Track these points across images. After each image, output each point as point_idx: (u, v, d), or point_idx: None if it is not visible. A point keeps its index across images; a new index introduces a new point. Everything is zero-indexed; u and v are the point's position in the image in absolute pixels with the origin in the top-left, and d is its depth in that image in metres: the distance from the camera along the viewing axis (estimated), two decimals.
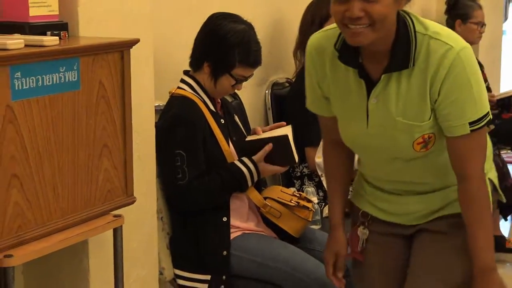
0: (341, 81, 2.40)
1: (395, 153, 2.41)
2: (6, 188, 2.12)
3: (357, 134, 2.45)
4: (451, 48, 2.22)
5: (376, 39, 2.21)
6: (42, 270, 2.64)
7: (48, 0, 2.44)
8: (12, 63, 2.10)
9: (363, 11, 2.14)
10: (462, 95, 2.25)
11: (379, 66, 2.30)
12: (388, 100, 2.32)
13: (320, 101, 2.55)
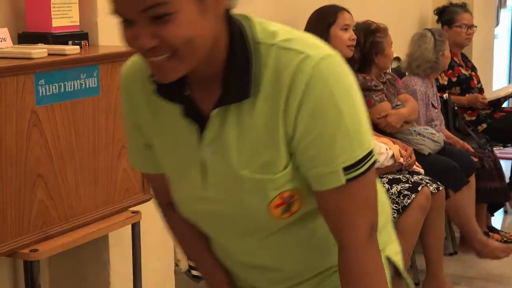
0: (166, 123, 1.54)
1: (248, 224, 1.54)
2: (32, 187, 2.13)
3: (192, 199, 1.57)
4: (307, 58, 1.42)
5: (192, 68, 1.39)
6: (66, 263, 2.64)
7: (69, 11, 2.45)
8: (36, 71, 2.11)
9: (156, 38, 1.32)
10: (328, 127, 1.41)
11: (212, 98, 1.45)
12: (226, 147, 1.46)
13: (143, 153, 1.63)
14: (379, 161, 3.74)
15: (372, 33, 4.25)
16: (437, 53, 4.77)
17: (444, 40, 4.84)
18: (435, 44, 4.78)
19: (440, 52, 4.78)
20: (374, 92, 4.27)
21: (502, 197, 4.82)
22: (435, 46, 4.77)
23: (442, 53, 4.79)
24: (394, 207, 3.74)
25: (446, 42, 4.85)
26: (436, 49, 4.77)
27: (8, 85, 2.04)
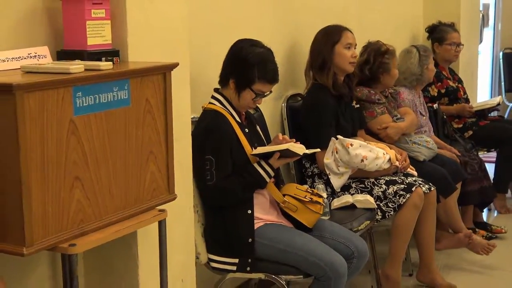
0: None
1: None
2: (70, 188, 2.13)
3: None
4: None
5: None
6: (99, 256, 2.64)
7: (103, 31, 2.45)
8: (74, 84, 2.10)
9: None
10: None
11: None
12: None
13: None
14: (377, 165, 3.73)
15: (382, 55, 4.29)
16: (421, 67, 4.80)
17: (428, 55, 4.85)
18: (419, 59, 4.80)
19: (424, 66, 4.81)
20: (377, 105, 4.30)
21: (489, 195, 4.83)
22: (420, 61, 4.80)
23: (426, 67, 4.82)
24: (390, 205, 3.74)
25: (430, 56, 4.87)
26: (421, 63, 4.80)
27: (50, 97, 2.04)
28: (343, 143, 3.68)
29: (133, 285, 2.67)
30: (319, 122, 3.78)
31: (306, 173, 3.93)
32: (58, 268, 2.60)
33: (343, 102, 3.94)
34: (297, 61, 4.16)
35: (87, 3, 2.39)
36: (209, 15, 3.46)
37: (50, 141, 2.05)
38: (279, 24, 4.06)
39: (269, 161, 3.05)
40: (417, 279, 4.12)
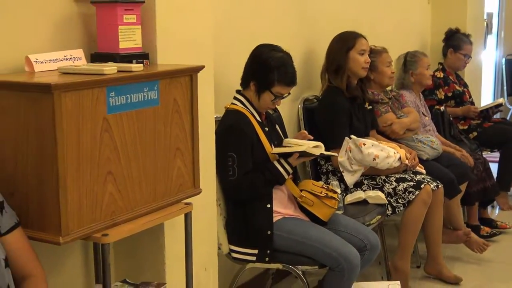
0: None
1: None
2: (103, 182, 2.13)
3: None
4: None
5: None
6: (128, 246, 2.64)
7: (133, 35, 2.44)
8: (108, 85, 2.10)
9: None
10: None
11: None
12: None
13: None
14: (388, 163, 3.72)
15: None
16: (405, 73, 4.75)
17: (416, 60, 4.80)
18: (404, 65, 4.77)
19: (410, 71, 4.76)
20: (381, 105, 4.28)
21: (492, 193, 4.80)
22: (404, 67, 4.76)
23: (412, 72, 4.76)
24: (400, 201, 3.73)
25: (419, 62, 4.78)
26: (406, 69, 4.76)
27: (85, 97, 2.04)
28: (356, 143, 3.66)
29: (159, 273, 2.66)
30: (334, 122, 3.77)
31: (321, 170, 3.92)
32: (90, 256, 2.61)
33: (356, 103, 3.93)
34: (313, 65, 4.15)
35: (119, 9, 2.39)
36: (232, 22, 3.46)
37: (85, 137, 2.05)
38: (296, 31, 4.05)
39: (288, 160, 3.04)
40: (424, 271, 4.10)
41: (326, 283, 3.06)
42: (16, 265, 1.96)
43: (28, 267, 2.00)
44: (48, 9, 2.37)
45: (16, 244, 1.98)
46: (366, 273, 3.73)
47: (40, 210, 2.03)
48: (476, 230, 4.60)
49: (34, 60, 2.22)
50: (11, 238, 1.97)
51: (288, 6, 3.98)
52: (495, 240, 4.67)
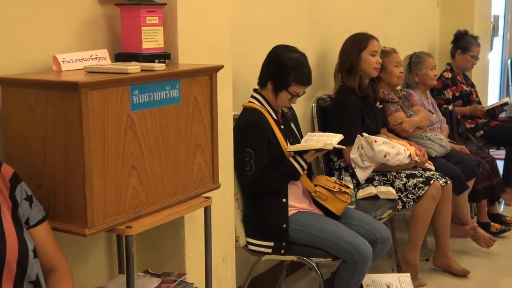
0: None
1: None
2: (127, 176, 2.13)
3: None
4: None
5: None
6: (150, 238, 2.64)
7: (156, 36, 2.45)
8: (132, 83, 2.10)
9: None
10: None
11: None
12: None
13: None
14: (399, 160, 3.71)
15: None
16: (409, 73, 4.72)
17: (420, 61, 4.76)
18: (409, 65, 4.73)
19: (414, 72, 4.73)
20: (391, 104, 4.26)
21: (498, 190, 4.77)
22: (409, 67, 4.72)
23: (416, 73, 4.73)
24: (410, 197, 3.71)
25: (423, 63, 4.75)
26: (410, 69, 4.73)
27: (110, 94, 2.04)
28: (368, 140, 3.65)
29: (180, 264, 2.67)
30: (346, 121, 3.76)
31: (333, 166, 3.91)
32: (113, 247, 2.61)
33: (368, 102, 3.91)
34: (326, 65, 4.14)
35: (142, 10, 2.39)
36: (249, 24, 3.46)
37: (110, 134, 2.05)
38: (310, 33, 4.04)
39: (304, 156, 3.04)
40: (433, 263, 4.08)
41: (339, 274, 3.05)
42: (42, 258, 1.96)
43: (54, 260, 2.00)
44: (74, 11, 2.38)
45: (43, 237, 1.98)
46: (377, 266, 3.71)
47: (67, 203, 2.03)
48: (486, 227, 4.57)
49: (61, 59, 2.23)
50: (39, 231, 1.97)
51: (302, 9, 3.97)
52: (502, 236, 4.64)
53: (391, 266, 3.93)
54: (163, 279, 2.39)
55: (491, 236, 4.30)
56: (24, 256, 1.85)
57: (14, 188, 1.91)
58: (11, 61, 2.17)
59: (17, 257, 1.83)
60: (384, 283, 3.30)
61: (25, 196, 1.94)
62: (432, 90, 5.14)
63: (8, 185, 1.90)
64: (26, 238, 1.89)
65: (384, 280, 3.32)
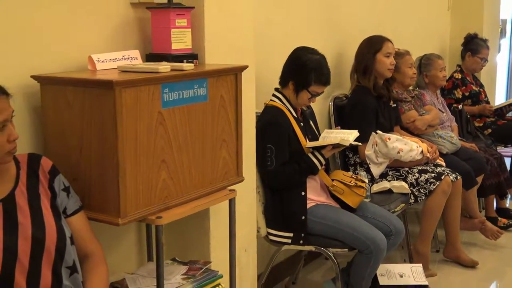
0: None
1: None
2: (157, 170, 2.14)
3: None
4: None
5: None
6: (177, 228, 2.66)
7: (184, 37, 2.46)
8: (162, 82, 2.11)
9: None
10: None
11: None
12: None
13: None
14: (411, 156, 3.69)
15: None
16: (419, 74, 4.68)
17: (429, 63, 4.72)
18: (419, 67, 4.69)
19: (424, 73, 4.69)
20: (404, 103, 4.24)
21: (506, 186, 4.73)
22: (419, 69, 4.68)
23: (425, 74, 4.69)
24: (422, 191, 3.69)
25: (433, 64, 4.70)
26: (420, 71, 4.69)
27: (142, 92, 2.05)
28: (382, 137, 3.64)
29: (205, 253, 2.68)
30: (361, 119, 3.74)
31: (349, 162, 3.89)
32: (143, 236, 2.63)
33: (382, 102, 3.89)
34: (342, 66, 4.13)
35: (172, 13, 2.40)
36: (270, 27, 3.45)
37: (142, 129, 2.06)
38: (327, 35, 4.03)
39: (322, 151, 3.03)
40: (443, 255, 4.06)
41: (355, 264, 3.04)
42: (78, 245, 1.99)
43: (89, 247, 2.03)
44: (108, 14, 2.39)
45: (79, 225, 2.01)
46: (390, 256, 3.71)
47: (101, 194, 2.04)
48: (493, 221, 4.53)
49: (96, 59, 2.24)
50: (75, 220, 2.00)
51: (320, 13, 3.96)
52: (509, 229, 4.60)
53: (403, 256, 3.91)
54: (190, 266, 2.40)
55: (498, 229, 4.27)
56: (62, 242, 1.88)
57: (53, 180, 1.95)
58: (49, 61, 2.19)
59: (55, 243, 1.86)
60: (397, 273, 3.28)
61: (63, 187, 1.96)
62: (443, 90, 5.11)
63: (48, 177, 1.94)
64: (63, 226, 1.91)
65: (397, 270, 3.30)
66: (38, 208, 1.88)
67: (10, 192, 1.86)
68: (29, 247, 1.81)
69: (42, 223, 1.86)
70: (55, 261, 1.87)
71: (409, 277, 3.29)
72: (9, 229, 1.80)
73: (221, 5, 2.61)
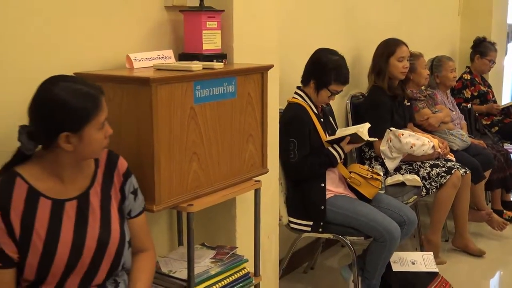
0: None
1: None
2: (189, 161, 2.14)
3: None
4: None
5: None
6: (206, 215, 2.66)
7: (214, 38, 2.45)
8: (195, 80, 2.12)
9: None
10: None
11: None
12: None
13: None
14: (423, 151, 3.66)
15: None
16: (431, 75, 4.62)
17: (440, 64, 4.66)
18: (431, 68, 4.63)
19: (435, 74, 4.63)
20: (418, 102, 4.20)
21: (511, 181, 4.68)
22: (430, 70, 4.62)
23: (436, 75, 4.63)
24: (433, 184, 3.66)
25: (443, 66, 4.64)
26: (431, 72, 4.62)
27: (176, 89, 2.05)
28: (395, 134, 3.61)
29: (231, 239, 2.68)
30: (377, 117, 3.71)
31: (364, 156, 3.87)
32: (173, 223, 2.64)
33: (397, 100, 3.86)
34: (359, 66, 4.10)
35: (203, 16, 2.40)
36: (294, 30, 3.44)
37: (175, 123, 2.06)
38: (346, 37, 4.00)
39: (340, 144, 3.02)
40: (452, 244, 4.03)
41: (370, 251, 3.02)
42: (135, 241, 1.94)
43: (145, 244, 1.98)
44: (144, 17, 2.40)
45: (139, 225, 1.96)
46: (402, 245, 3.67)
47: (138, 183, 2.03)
48: (499, 214, 4.48)
49: (133, 58, 2.25)
50: (137, 220, 1.95)
51: (339, 16, 3.93)
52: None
53: (415, 245, 3.88)
54: (218, 251, 2.40)
55: (504, 221, 4.23)
56: (122, 246, 1.85)
57: (125, 182, 1.90)
58: (91, 59, 2.21)
59: (116, 247, 1.83)
60: (410, 260, 3.26)
61: (132, 190, 1.92)
62: (453, 90, 5.06)
63: (121, 179, 1.89)
64: (125, 230, 1.88)
65: (410, 257, 3.28)
66: (108, 211, 1.83)
67: (86, 190, 1.81)
68: (93, 247, 1.77)
69: (109, 226, 1.81)
70: (113, 262, 1.83)
71: (420, 264, 3.26)
72: (80, 227, 1.76)
73: (249, 9, 2.60)
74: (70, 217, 1.76)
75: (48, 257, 1.71)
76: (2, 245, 1.67)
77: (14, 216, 1.67)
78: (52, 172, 1.75)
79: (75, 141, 1.70)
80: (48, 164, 1.74)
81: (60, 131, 1.67)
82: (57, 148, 1.71)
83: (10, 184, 1.69)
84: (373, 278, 3.04)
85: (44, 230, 1.71)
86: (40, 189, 1.72)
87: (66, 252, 1.73)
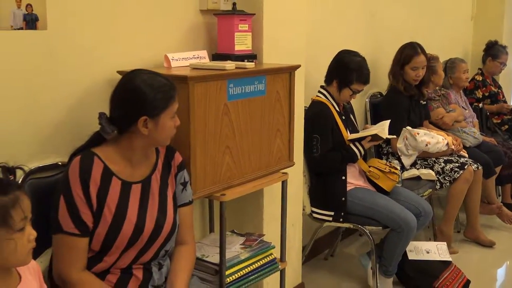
0: None
1: None
2: (222, 154, 2.15)
3: None
4: None
5: None
6: (235, 204, 2.67)
7: (245, 40, 2.45)
8: (228, 78, 2.12)
9: None
10: None
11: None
12: None
13: None
14: (438, 148, 3.63)
15: (428, 61, 4.09)
16: (445, 76, 4.55)
17: (453, 66, 4.58)
18: (445, 70, 4.57)
19: (449, 75, 4.57)
20: (433, 101, 4.16)
21: None
22: (445, 71, 4.56)
23: (450, 76, 4.57)
24: (447, 179, 3.63)
25: (456, 67, 4.57)
26: (445, 73, 4.56)
27: (211, 87, 2.06)
28: (411, 132, 3.58)
29: (259, 227, 2.69)
30: (394, 116, 3.66)
31: (382, 152, 3.84)
32: (205, 211, 2.65)
33: (414, 100, 3.82)
34: (378, 67, 4.07)
35: (235, 19, 2.40)
36: (318, 32, 3.42)
37: (210, 118, 2.07)
38: (367, 40, 3.97)
39: (361, 142, 3.01)
40: (464, 235, 3.99)
41: (388, 241, 3.01)
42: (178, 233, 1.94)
43: (186, 236, 1.98)
44: (181, 19, 2.41)
45: (184, 216, 1.96)
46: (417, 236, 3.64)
47: None
48: (509, 207, 4.42)
49: (171, 58, 2.26)
50: (182, 211, 1.95)
51: (361, 20, 3.90)
52: None
53: (429, 236, 3.85)
54: (247, 238, 2.41)
55: None
56: (173, 231, 1.88)
57: (178, 173, 1.93)
58: (131, 59, 2.22)
59: (168, 231, 1.86)
60: (424, 249, 3.24)
61: (182, 181, 1.94)
62: (465, 90, 5.00)
63: (176, 170, 1.93)
64: (176, 216, 1.91)
65: (424, 247, 3.26)
66: (165, 196, 1.87)
67: (148, 175, 1.85)
68: (151, 228, 1.81)
69: (165, 210, 1.86)
70: (160, 246, 1.86)
71: (434, 253, 3.24)
72: (142, 208, 1.81)
73: (278, 13, 2.59)
74: (136, 198, 1.81)
75: (115, 230, 1.76)
76: (82, 215, 1.72)
77: (92, 189, 1.73)
78: (124, 156, 1.81)
79: (151, 126, 1.76)
80: (121, 148, 1.80)
81: (140, 115, 1.74)
82: (132, 133, 1.78)
83: (90, 160, 1.75)
84: (390, 266, 3.03)
85: (114, 206, 1.76)
86: (113, 170, 1.78)
87: (130, 229, 1.78)
